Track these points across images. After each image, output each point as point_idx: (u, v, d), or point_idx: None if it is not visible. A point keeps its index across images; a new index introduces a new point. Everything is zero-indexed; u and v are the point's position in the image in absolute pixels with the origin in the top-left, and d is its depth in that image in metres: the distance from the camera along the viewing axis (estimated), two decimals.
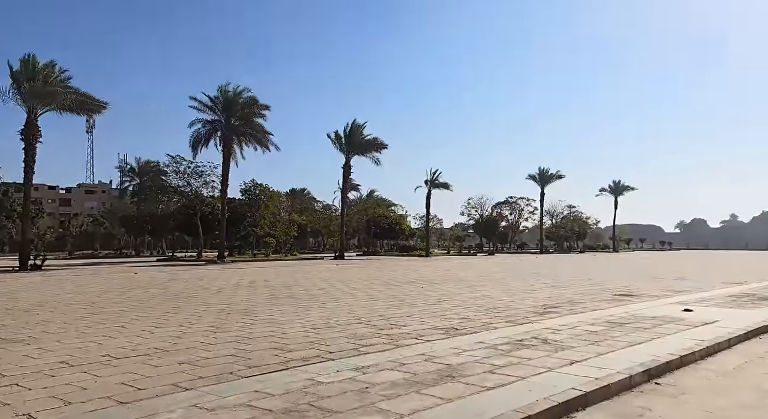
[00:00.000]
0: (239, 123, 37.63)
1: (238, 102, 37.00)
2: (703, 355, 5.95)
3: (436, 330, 7.29)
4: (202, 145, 37.22)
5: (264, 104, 38.25)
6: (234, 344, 6.26)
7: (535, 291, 13.25)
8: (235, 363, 5.18)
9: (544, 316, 8.65)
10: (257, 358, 5.42)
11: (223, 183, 37.44)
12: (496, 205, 76.45)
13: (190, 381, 4.49)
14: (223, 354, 5.68)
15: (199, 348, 6.03)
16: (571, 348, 5.97)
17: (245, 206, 46.27)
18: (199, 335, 6.93)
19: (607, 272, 22.66)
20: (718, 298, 11.39)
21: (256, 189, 47.23)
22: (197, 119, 37.10)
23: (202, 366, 5.10)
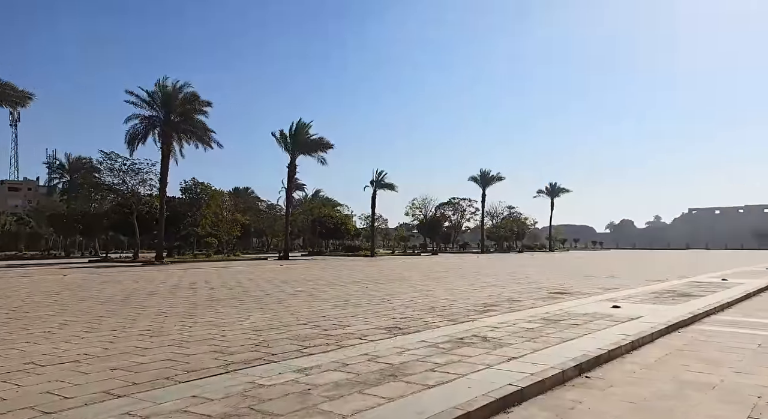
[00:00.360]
0: (179, 119, 36.26)
1: (177, 97, 35.66)
2: (628, 349, 6.33)
3: (379, 329, 7.34)
4: (139, 141, 35.59)
5: (206, 101, 37.09)
6: (171, 348, 6.04)
7: (476, 290, 13.62)
8: (173, 368, 5.01)
9: (484, 314, 8.91)
10: (196, 362, 5.27)
11: (161, 181, 35.97)
12: (439, 206, 77.86)
13: (123, 388, 4.30)
14: (160, 358, 5.47)
15: (134, 353, 5.78)
16: (509, 344, 6.19)
17: (186, 205, 44.64)
18: (134, 339, 6.65)
19: (543, 271, 23.60)
20: (643, 295, 12.14)
21: (197, 188, 45.69)
22: (134, 115, 35.45)
23: (136, 371, 4.90)
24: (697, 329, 8.06)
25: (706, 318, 9.13)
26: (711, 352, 6.30)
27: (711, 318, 9.18)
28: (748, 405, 4.18)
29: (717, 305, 10.29)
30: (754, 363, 5.69)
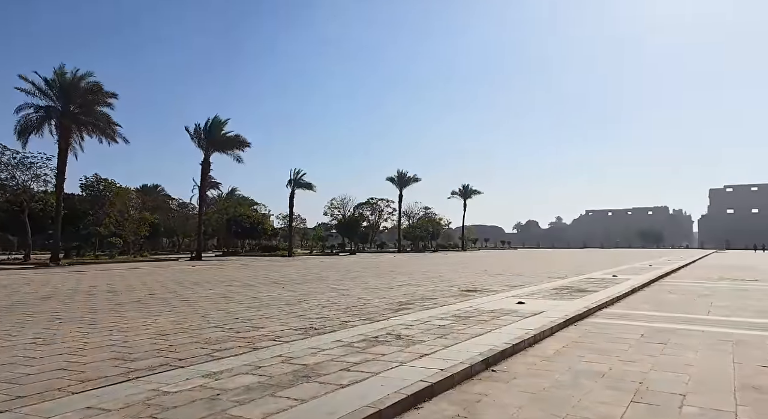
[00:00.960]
0: (80, 111, 33.48)
1: (78, 87, 32.87)
2: (531, 343, 6.75)
3: (294, 330, 7.26)
4: (31, 133, 32.39)
5: (110, 92, 34.50)
6: (65, 356, 5.58)
7: (392, 289, 13.85)
8: (66, 378, 4.63)
9: (399, 312, 9.08)
10: (93, 370, 4.91)
11: (58, 177, 32.99)
12: (358, 206, 78.29)
13: (6, 403, 3.91)
14: (51, 368, 5.04)
15: (20, 363, 5.27)
16: (421, 342, 6.36)
17: (87, 202, 41.32)
18: (20, 349, 6.06)
19: (456, 269, 24.48)
20: (545, 291, 12.98)
21: (100, 184, 42.47)
22: (27, 104, 32.23)
23: (22, 383, 4.47)
24: (591, 322, 8.75)
25: (598, 312, 9.94)
26: (602, 343, 6.88)
27: (603, 312, 10.01)
28: (632, 390, 4.62)
29: (608, 299, 11.24)
30: (638, 352, 6.29)
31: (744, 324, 8.45)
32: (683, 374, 5.21)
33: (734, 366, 5.54)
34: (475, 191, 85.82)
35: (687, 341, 7.03)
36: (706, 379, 5.01)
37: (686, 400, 4.31)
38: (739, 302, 11.58)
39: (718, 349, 6.48)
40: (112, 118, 35.12)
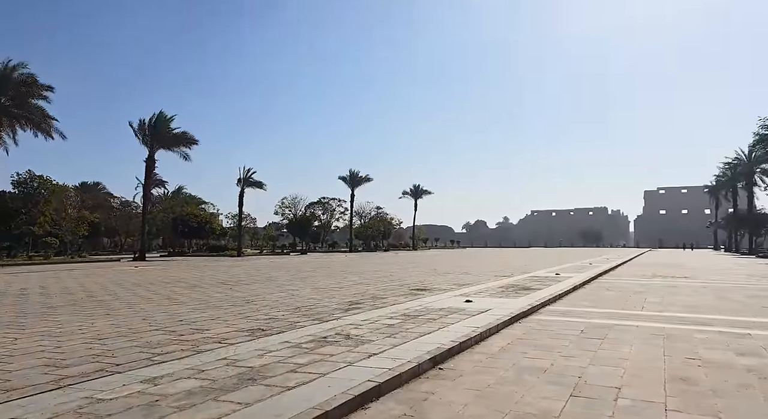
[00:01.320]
0: (11, 103, 31.48)
1: (10, 78, 30.92)
2: (477, 340, 6.89)
3: (241, 332, 7.09)
4: None
5: (46, 84, 32.68)
6: None
7: (343, 288, 13.79)
8: None
9: (348, 312, 9.05)
10: (20, 379, 4.60)
11: None
12: (309, 205, 77.61)
13: None
14: None
15: None
16: (370, 341, 6.36)
17: (19, 200, 38.74)
18: None
19: (406, 268, 24.69)
20: (491, 289, 13.29)
21: (34, 182, 39.95)
22: None
23: None
24: (534, 319, 9.03)
25: (542, 309, 10.28)
26: (545, 339, 7.11)
27: (546, 309, 10.36)
28: (571, 384, 4.80)
29: (551, 297, 11.64)
30: (578, 348, 6.54)
31: (674, 319, 8.95)
32: (619, 368, 5.46)
33: (664, 359, 5.86)
34: (426, 191, 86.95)
35: (623, 336, 7.38)
36: (640, 372, 5.27)
37: (621, 393, 4.52)
38: (670, 298, 12.27)
39: (651, 343, 6.83)
40: (48, 112, 33.30)
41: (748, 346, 6.62)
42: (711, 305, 10.96)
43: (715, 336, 7.37)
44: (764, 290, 14.18)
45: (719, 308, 10.46)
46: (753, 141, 41.04)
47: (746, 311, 9.90)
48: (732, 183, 68.34)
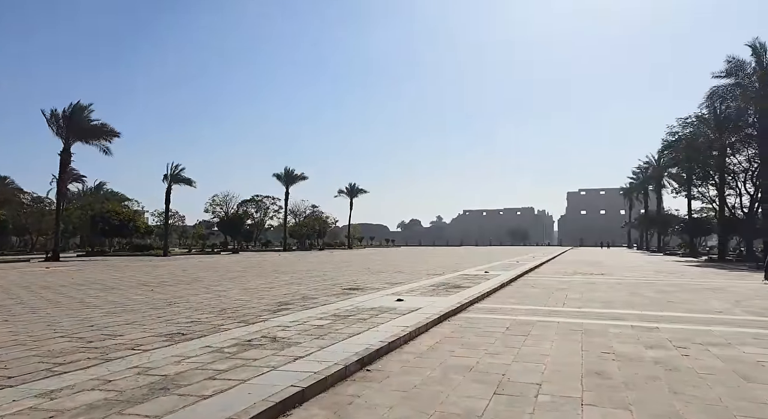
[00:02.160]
0: None
1: None
2: (406, 340, 6.88)
3: (159, 337, 6.67)
4: None
5: None
6: None
7: (273, 289, 13.43)
8: None
9: (277, 314, 8.79)
10: None
11: None
12: (242, 203, 75.39)
13: None
14: None
15: None
16: (297, 344, 6.18)
17: None
18: None
19: (340, 268, 24.53)
20: (423, 288, 13.43)
21: None
22: None
23: None
24: (463, 317, 9.19)
25: (470, 307, 10.49)
26: (472, 337, 7.22)
27: (474, 306, 10.58)
28: (495, 382, 4.87)
29: (479, 294, 11.92)
30: (503, 345, 6.69)
31: (591, 314, 9.42)
32: (540, 364, 5.62)
33: (582, 354, 6.10)
34: (362, 190, 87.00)
35: (545, 332, 7.64)
36: (560, 368, 5.45)
37: (541, 389, 4.64)
38: (588, 294, 12.94)
39: (570, 339, 7.11)
40: None
41: (656, 339, 7.05)
42: (624, 300, 11.65)
43: (628, 330, 7.80)
44: (670, 286, 15.29)
45: (632, 303, 11.13)
46: (661, 147, 44.27)
47: (654, 306, 10.60)
48: (643, 186, 73.50)
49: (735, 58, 31.08)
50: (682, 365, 5.54)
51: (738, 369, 5.34)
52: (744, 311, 9.89)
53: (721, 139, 35.58)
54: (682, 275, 20.48)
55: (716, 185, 38.51)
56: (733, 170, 37.09)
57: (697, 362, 5.69)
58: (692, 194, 45.46)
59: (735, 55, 31.26)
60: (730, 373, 5.19)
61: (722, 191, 37.66)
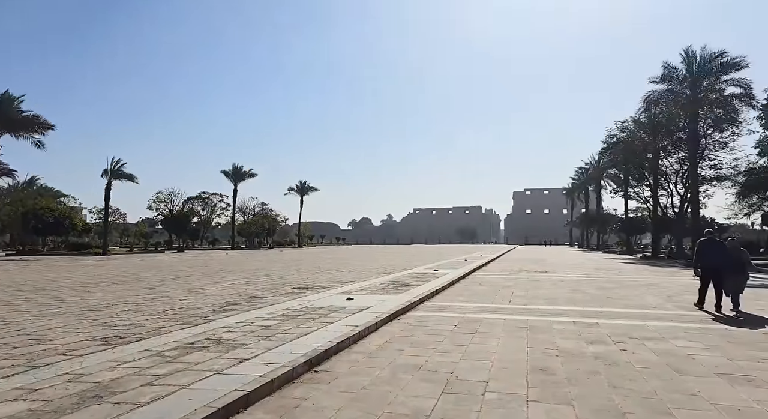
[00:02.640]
0: None
1: None
2: (355, 339, 6.82)
3: (93, 341, 6.30)
4: None
5: None
6: None
7: (219, 288, 13.04)
8: None
9: (223, 314, 8.52)
10: None
11: None
12: (188, 200, 72.95)
13: None
14: None
15: None
16: (243, 346, 5.99)
17: None
18: None
19: (289, 266, 24.17)
20: (373, 286, 13.41)
21: None
22: None
23: None
24: (413, 315, 9.23)
25: (420, 305, 10.55)
26: (421, 336, 7.25)
27: (424, 305, 10.66)
28: (443, 381, 4.89)
29: (428, 292, 12.03)
30: (451, 343, 6.75)
31: (536, 311, 9.69)
32: (487, 361, 5.71)
33: (527, 351, 6.25)
34: (312, 187, 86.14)
35: (492, 329, 7.79)
36: (506, 365, 5.55)
37: (489, 387, 4.70)
38: (533, 291, 13.33)
39: (516, 336, 7.28)
40: None
41: (596, 335, 7.33)
42: (567, 297, 12.07)
43: (570, 326, 8.07)
44: (609, 282, 16.00)
45: (574, 299, 11.55)
46: (601, 149, 46.41)
47: (594, 302, 11.04)
48: (584, 186, 76.66)
49: (670, 65, 32.87)
50: (621, 359, 5.78)
51: (671, 363, 5.62)
52: (675, 306, 10.47)
53: (655, 142, 37.66)
54: (619, 272, 21.48)
55: (650, 186, 40.73)
56: (665, 171, 39.30)
57: (634, 356, 5.95)
58: (629, 194, 47.86)
59: (670, 62, 33.01)
60: (664, 367, 5.46)
61: (655, 191, 39.86)
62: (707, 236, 10.32)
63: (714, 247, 10.08)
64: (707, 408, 4.10)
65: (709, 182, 36.59)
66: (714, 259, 9.98)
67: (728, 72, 30.83)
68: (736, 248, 10.28)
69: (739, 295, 10.08)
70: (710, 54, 31.19)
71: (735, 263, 10.00)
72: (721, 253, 9.99)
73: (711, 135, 34.10)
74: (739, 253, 10.24)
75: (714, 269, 9.98)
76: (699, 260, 10.16)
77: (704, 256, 10.08)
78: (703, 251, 10.11)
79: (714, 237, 10.32)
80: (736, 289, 10.04)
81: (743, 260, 10.16)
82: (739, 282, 10.04)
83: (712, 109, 31.85)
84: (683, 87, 32.26)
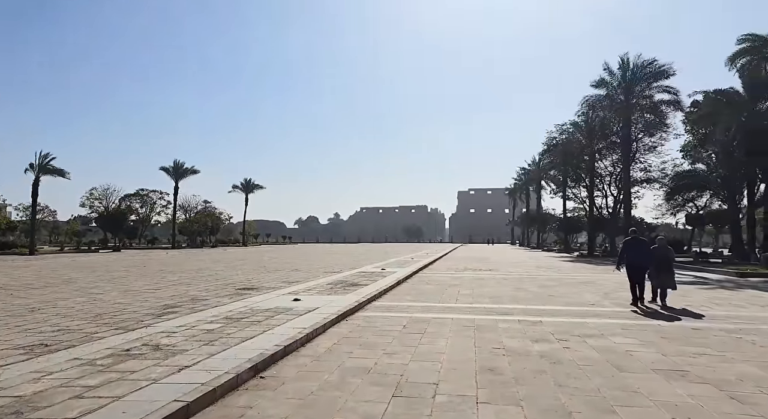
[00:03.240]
0: None
1: None
2: (303, 342, 6.65)
3: (15, 349, 5.80)
4: None
5: None
6: None
7: (159, 290, 12.44)
8: None
9: (162, 318, 8.10)
10: None
11: None
12: (125, 197, 69.54)
13: None
14: None
15: None
16: (184, 351, 5.69)
17: None
18: None
19: (234, 266, 23.48)
20: (320, 287, 13.22)
21: None
22: None
23: None
24: (361, 316, 9.14)
25: (368, 305, 10.48)
26: (370, 337, 7.17)
27: (372, 305, 10.59)
28: (394, 384, 4.82)
29: (377, 292, 11.98)
30: (400, 344, 6.71)
31: (482, 310, 9.85)
32: (437, 362, 5.70)
33: (475, 351, 6.30)
34: (257, 185, 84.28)
35: (440, 329, 7.82)
36: (455, 366, 5.56)
37: (439, 389, 4.68)
38: (479, 290, 13.57)
39: (464, 335, 7.34)
40: None
41: (540, 333, 7.51)
42: (511, 295, 12.36)
43: (515, 325, 8.24)
44: (549, 280, 16.56)
45: (517, 298, 11.84)
46: (542, 151, 48.22)
47: (537, 300, 11.36)
48: (526, 187, 79.34)
49: (608, 70, 34.44)
50: (565, 357, 5.93)
51: (611, 360, 5.83)
52: (612, 303, 10.94)
53: (592, 145, 39.47)
54: (559, 270, 22.30)
55: (587, 187, 42.66)
56: (600, 173, 41.26)
57: (577, 354, 6.12)
58: (567, 195, 49.91)
59: (610, 66, 34.51)
60: (606, 364, 5.64)
61: (591, 192, 41.79)
62: (631, 235, 10.98)
63: (637, 246, 10.68)
64: (647, 405, 4.25)
65: (639, 183, 38.77)
66: (637, 257, 10.57)
67: (658, 79, 32.68)
68: (664, 247, 10.95)
69: (668, 290, 10.69)
70: (642, 62, 32.96)
71: (663, 261, 10.64)
72: (644, 252, 10.62)
73: (642, 139, 36.10)
74: (667, 251, 10.88)
75: (637, 267, 10.54)
76: (623, 258, 10.81)
77: (628, 255, 10.66)
78: (627, 250, 10.72)
79: (638, 237, 10.91)
80: (663, 285, 10.65)
81: (669, 258, 10.79)
82: (667, 279, 10.67)
83: (643, 114, 33.68)
84: (618, 92, 33.91)
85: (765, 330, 7.91)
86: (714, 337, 7.24)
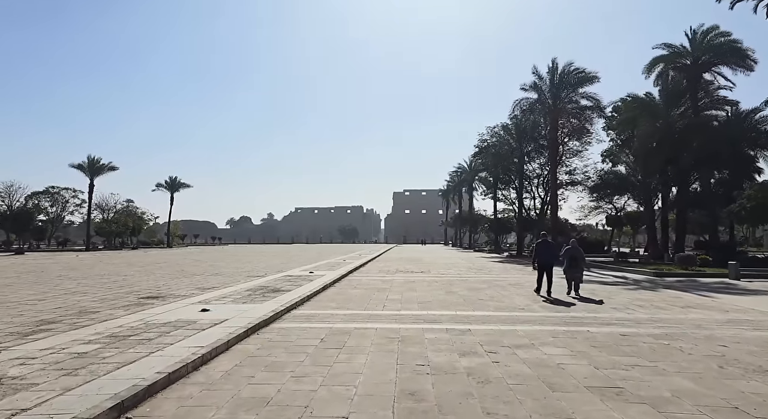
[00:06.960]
0: None
1: None
2: (197, 365, 5.65)
3: None
4: None
5: None
6: None
7: (44, 301, 10.83)
8: None
9: (28, 338, 6.78)
10: None
11: None
12: (32, 195, 63.66)
13: None
14: None
15: None
16: (32, 386, 4.55)
17: None
18: None
19: (149, 270, 21.60)
20: (237, 293, 12.08)
21: None
22: None
23: None
24: (276, 327, 8.20)
25: (286, 314, 9.54)
26: (280, 355, 6.28)
27: (291, 314, 9.66)
28: None
29: (299, 299, 11.05)
30: (313, 363, 5.87)
31: (409, 318, 9.18)
32: (351, 387, 4.91)
33: (397, 369, 5.58)
34: (184, 184, 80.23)
35: (361, 342, 7.05)
36: (371, 390, 4.80)
37: None
38: (408, 294, 12.96)
39: (386, 349, 6.60)
40: None
41: (469, 344, 6.92)
42: (440, 300, 11.82)
43: (443, 334, 7.62)
44: (480, 283, 16.29)
45: (446, 303, 11.31)
46: (474, 153, 48.92)
47: (467, 305, 10.88)
48: (458, 188, 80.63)
49: (537, 74, 35.22)
50: (493, 375, 5.33)
51: (543, 376, 5.29)
52: (541, 308, 10.65)
53: (521, 147, 40.40)
54: (489, 271, 22.24)
55: (516, 189, 43.67)
56: (529, 175, 42.36)
57: (507, 369, 5.55)
58: (497, 196, 50.99)
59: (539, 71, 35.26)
60: (537, 381, 5.09)
61: (520, 194, 42.82)
62: (542, 238, 12.98)
63: (546, 247, 12.61)
64: None
65: (565, 186, 40.13)
66: (546, 257, 12.49)
67: (583, 85, 33.79)
68: (575, 248, 13.01)
69: (579, 284, 12.80)
70: (571, 68, 33.97)
71: (573, 259, 12.70)
72: (552, 252, 12.55)
73: (567, 143, 37.31)
74: (576, 251, 12.86)
75: (546, 265, 12.44)
76: (536, 257, 12.70)
77: (539, 254, 12.58)
78: (538, 250, 12.68)
79: (546, 239, 12.88)
80: (574, 278, 12.68)
81: (578, 257, 12.75)
82: (577, 274, 12.67)
83: (569, 119, 34.74)
84: (547, 96, 34.77)
85: (690, 334, 7.78)
86: (643, 344, 6.96)
